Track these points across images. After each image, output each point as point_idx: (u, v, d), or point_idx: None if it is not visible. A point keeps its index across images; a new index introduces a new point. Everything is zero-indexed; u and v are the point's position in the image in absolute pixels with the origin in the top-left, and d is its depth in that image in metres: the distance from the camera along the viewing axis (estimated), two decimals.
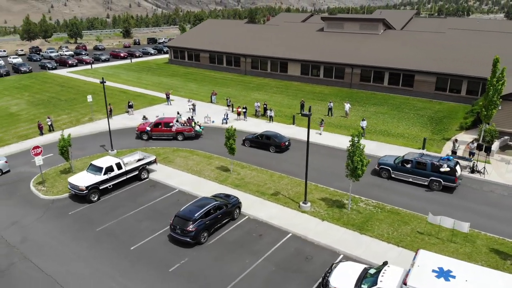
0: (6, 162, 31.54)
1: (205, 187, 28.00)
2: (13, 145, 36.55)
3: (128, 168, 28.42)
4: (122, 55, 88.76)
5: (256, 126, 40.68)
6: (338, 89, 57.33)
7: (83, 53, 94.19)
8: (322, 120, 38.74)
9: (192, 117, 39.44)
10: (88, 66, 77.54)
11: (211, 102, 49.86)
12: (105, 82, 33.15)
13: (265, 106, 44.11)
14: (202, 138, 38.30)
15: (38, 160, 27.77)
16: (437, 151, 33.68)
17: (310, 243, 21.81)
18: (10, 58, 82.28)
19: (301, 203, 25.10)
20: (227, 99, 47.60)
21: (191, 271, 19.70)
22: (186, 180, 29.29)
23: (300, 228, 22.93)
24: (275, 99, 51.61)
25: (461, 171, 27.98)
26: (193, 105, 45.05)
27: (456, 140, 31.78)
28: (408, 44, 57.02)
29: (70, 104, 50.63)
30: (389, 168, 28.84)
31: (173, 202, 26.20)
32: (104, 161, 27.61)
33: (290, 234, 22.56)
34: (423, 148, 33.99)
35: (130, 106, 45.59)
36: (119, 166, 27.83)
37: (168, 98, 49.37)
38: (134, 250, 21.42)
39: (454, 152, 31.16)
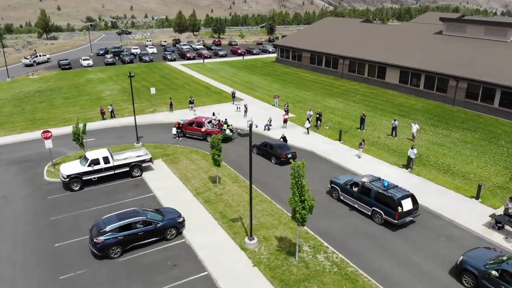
0: None
1: (176, 196, 26.12)
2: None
3: (116, 163, 28.50)
4: (239, 51, 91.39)
5: (295, 137, 36.25)
6: (436, 104, 47.20)
7: (213, 48, 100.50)
8: (363, 141, 32.11)
9: (225, 119, 37.52)
10: (202, 60, 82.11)
11: (275, 105, 46.87)
12: (133, 76, 33.96)
13: (318, 116, 39.05)
14: (233, 142, 36.16)
15: (48, 143, 30.10)
16: (496, 205, 24.26)
17: None
18: (148, 48, 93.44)
19: (246, 238, 21.01)
20: (285, 104, 43.90)
21: (76, 285, 18.35)
22: (168, 185, 27.85)
23: (220, 268, 19.14)
24: (347, 109, 45.43)
25: (415, 206, 22.31)
26: (245, 106, 42.99)
27: (511, 199, 21.99)
28: None
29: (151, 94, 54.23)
30: (338, 189, 25.45)
31: (137, 206, 25.02)
32: (93, 154, 28.20)
33: (205, 273, 19.02)
34: (476, 198, 24.95)
35: (191, 102, 46.19)
36: (106, 160, 28.11)
37: (233, 96, 48.38)
38: (55, 248, 21.12)
39: (508, 215, 21.71)
